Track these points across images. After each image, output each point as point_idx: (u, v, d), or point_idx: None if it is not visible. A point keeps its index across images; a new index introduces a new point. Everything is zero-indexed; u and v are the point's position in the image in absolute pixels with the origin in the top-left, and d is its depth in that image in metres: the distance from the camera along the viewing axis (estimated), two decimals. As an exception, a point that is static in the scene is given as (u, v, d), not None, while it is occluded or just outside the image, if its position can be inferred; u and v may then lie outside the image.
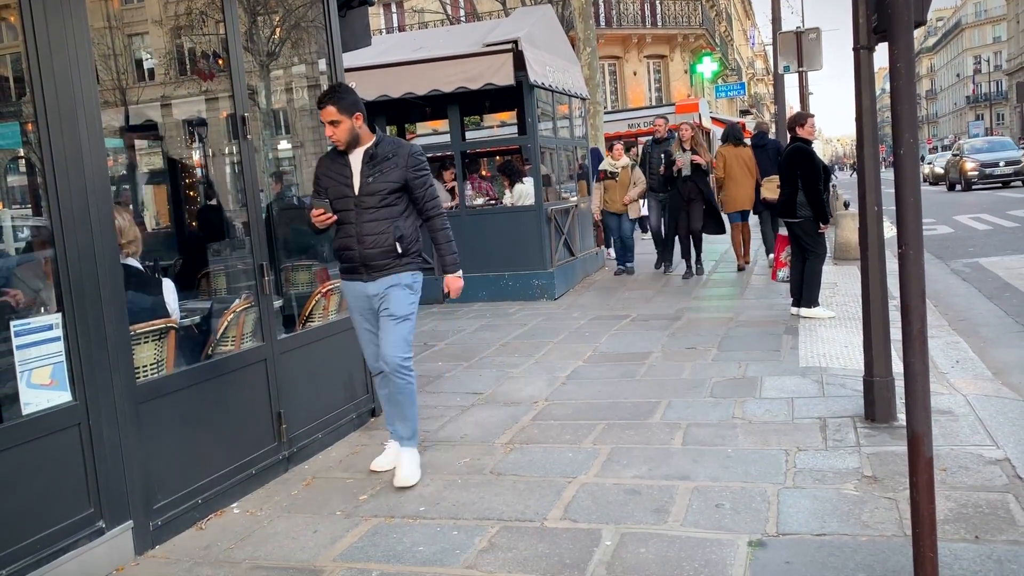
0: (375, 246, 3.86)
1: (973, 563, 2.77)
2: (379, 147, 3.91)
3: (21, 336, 2.97)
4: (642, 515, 3.36)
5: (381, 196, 3.86)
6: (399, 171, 3.88)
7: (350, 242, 3.91)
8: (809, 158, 6.91)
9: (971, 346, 5.97)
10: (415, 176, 3.91)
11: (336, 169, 3.95)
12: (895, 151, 2.39)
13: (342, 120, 3.82)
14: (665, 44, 31.14)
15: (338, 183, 3.92)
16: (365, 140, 3.93)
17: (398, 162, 3.88)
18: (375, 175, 3.87)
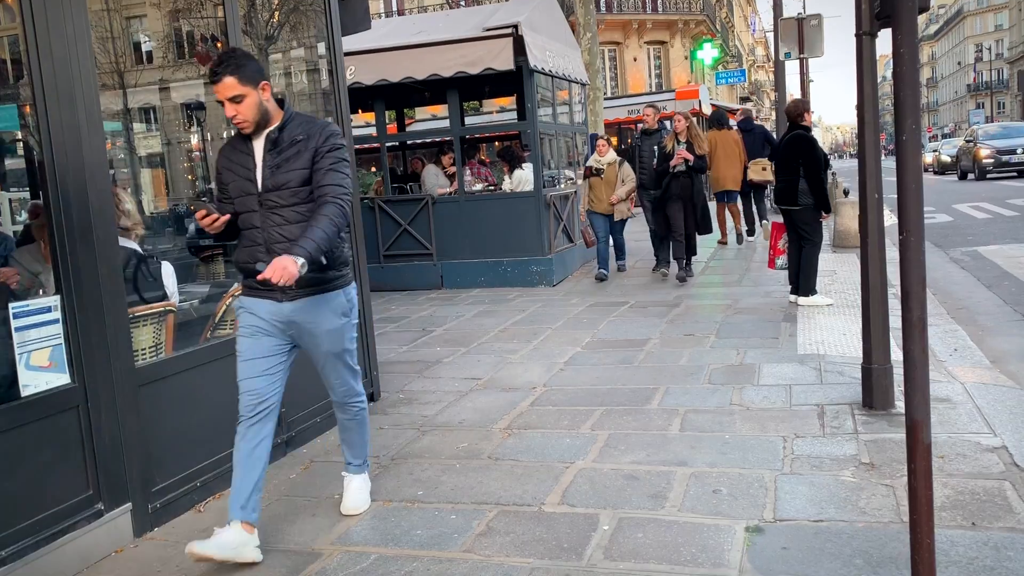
0: None
1: (970, 550, 2.78)
2: (285, 129, 3.12)
3: (20, 318, 2.97)
4: (640, 500, 3.37)
5: (291, 191, 3.07)
6: (308, 154, 3.09)
7: (256, 252, 3.09)
8: (812, 145, 6.89)
9: (969, 334, 5.98)
10: (322, 153, 3.09)
11: (238, 159, 3.16)
12: (897, 137, 2.38)
13: (246, 93, 3.02)
14: (665, 30, 31.01)
15: (239, 176, 3.14)
16: (273, 119, 3.14)
17: (308, 144, 3.10)
18: (281, 164, 3.09)
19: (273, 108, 3.13)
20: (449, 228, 9.61)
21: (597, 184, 9.43)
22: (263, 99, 3.07)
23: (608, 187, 9.36)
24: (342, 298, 3.23)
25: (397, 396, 5.29)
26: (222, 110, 3.07)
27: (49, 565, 3.01)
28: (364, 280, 5.14)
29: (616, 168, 9.36)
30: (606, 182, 9.37)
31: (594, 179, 9.44)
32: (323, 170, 3.10)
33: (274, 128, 3.12)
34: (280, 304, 3.13)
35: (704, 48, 28.56)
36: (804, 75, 16.93)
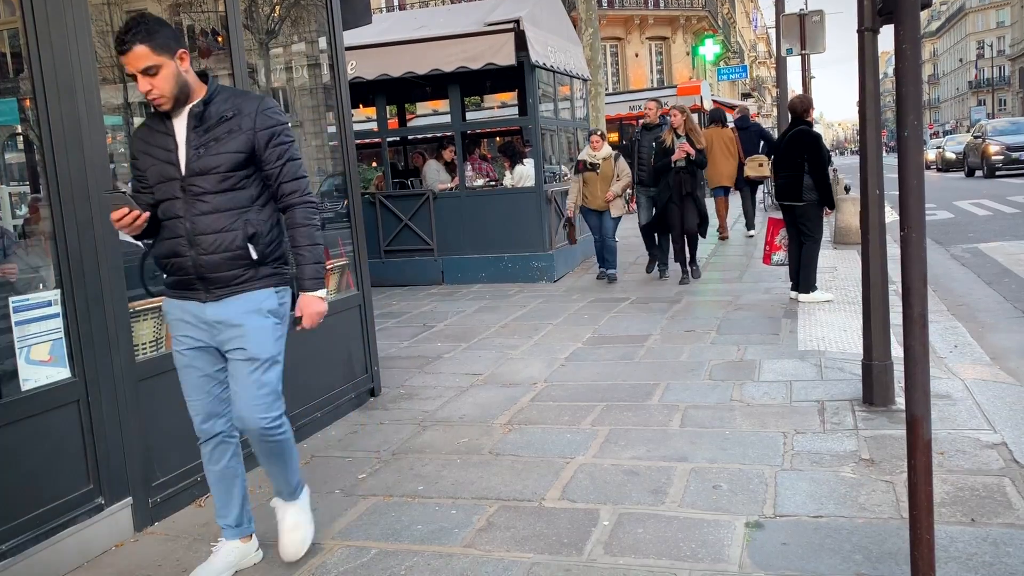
0: (215, 250, 2.72)
1: (969, 546, 2.78)
2: (211, 103, 2.73)
3: (20, 312, 2.97)
4: (640, 496, 3.38)
5: (220, 175, 2.71)
6: (243, 136, 2.71)
7: (178, 245, 2.74)
8: (817, 142, 6.86)
9: (969, 331, 5.98)
10: (267, 140, 2.74)
11: (156, 140, 2.76)
12: (899, 133, 2.37)
13: (161, 64, 2.60)
14: (667, 26, 30.96)
15: (159, 160, 2.75)
16: (195, 94, 2.75)
17: (241, 123, 2.72)
18: (207, 144, 2.71)
19: (194, 81, 2.73)
20: (450, 223, 9.61)
21: (592, 180, 8.91)
22: (181, 70, 2.67)
23: (603, 183, 8.85)
24: (273, 298, 2.84)
25: (398, 391, 5.29)
26: None
27: (49, 559, 3.02)
28: (365, 275, 5.14)
29: (612, 163, 8.86)
30: (601, 177, 8.86)
31: (588, 174, 8.91)
32: (276, 166, 2.77)
33: (198, 103, 2.73)
34: (203, 305, 2.79)
35: (706, 44, 28.54)
36: (806, 71, 16.90)
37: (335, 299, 4.91)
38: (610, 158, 8.87)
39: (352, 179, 5.15)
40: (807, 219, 6.98)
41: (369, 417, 4.80)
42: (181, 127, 2.74)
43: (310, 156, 9.76)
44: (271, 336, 2.83)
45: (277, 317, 2.86)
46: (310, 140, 9.57)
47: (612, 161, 8.86)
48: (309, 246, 2.83)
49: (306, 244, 2.83)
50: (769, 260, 7.61)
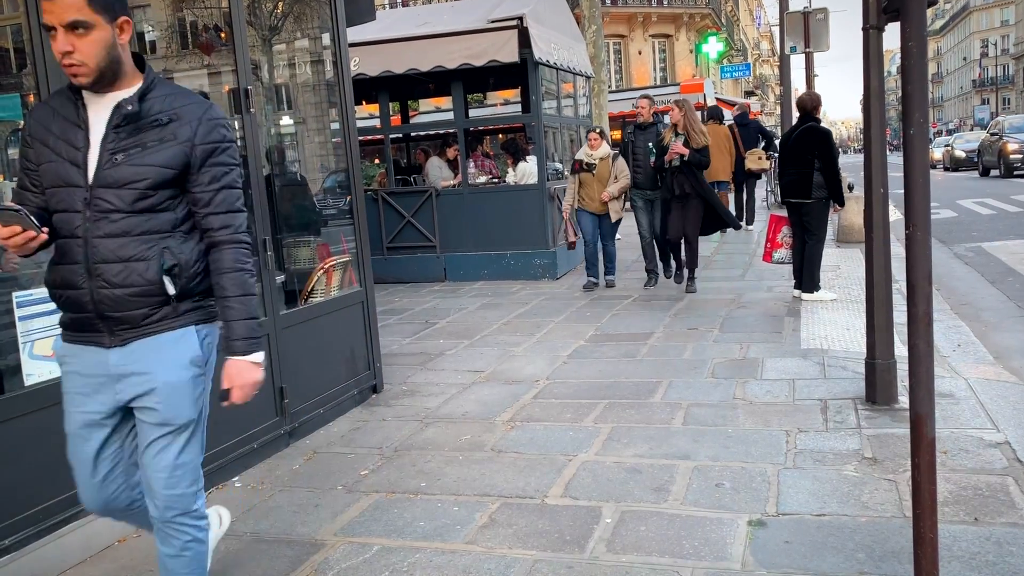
0: (121, 283, 2.12)
1: (972, 545, 2.78)
2: (146, 99, 2.14)
3: (23, 307, 2.97)
4: (642, 493, 3.37)
5: (138, 192, 2.11)
6: (177, 148, 2.12)
7: (74, 274, 2.14)
8: (828, 138, 6.83)
9: (973, 330, 5.97)
10: (205, 157, 2.16)
11: (61, 130, 2.15)
12: (904, 131, 2.37)
13: (94, 23, 2.04)
14: (670, 23, 30.92)
15: (60, 157, 2.14)
16: (126, 81, 2.15)
17: (178, 132, 2.13)
18: (130, 151, 2.11)
19: (129, 63, 2.15)
20: (453, 220, 9.60)
21: (588, 180, 8.36)
22: (118, 42, 2.10)
23: (600, 184, 8.30)
24: (194, 341, 2.24)
25: (400, 388, 5.29)
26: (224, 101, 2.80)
27: (53, 554, 3.02)
28: (368, 272, 5.14)
29: (609, 163, 8.31)
30: (598, 178, 8.30)
31: (585, 175, 8.36)
32: (208, 190, 2.18)
33: (130, 96, 2.12)
34: (107, 352, 2.19)
35: (709, 42, 28.44)
36: (809, 69, 16.87)
37: (338, 296, 4.91)
38: (608, 158, 8.34)
39: (355, 176, 5.15)
40: (813, 217, 6.94)
41: (372, 414, 4.81)
42: (99, 121, 2.13)
43: (313, 152, 9.78)
44: (190, 394, 2.25)
45: (199, 367, 2.27)
46: (313, 136, 9.58)
47: (610, 161, 8.34)
48: (241, 297, 2.21)
49: (237, 295, 2.20)
50: (770, 258, 7.59)
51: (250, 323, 2.25)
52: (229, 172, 2.22)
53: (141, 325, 2.18)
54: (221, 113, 2.22)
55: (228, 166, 2.22)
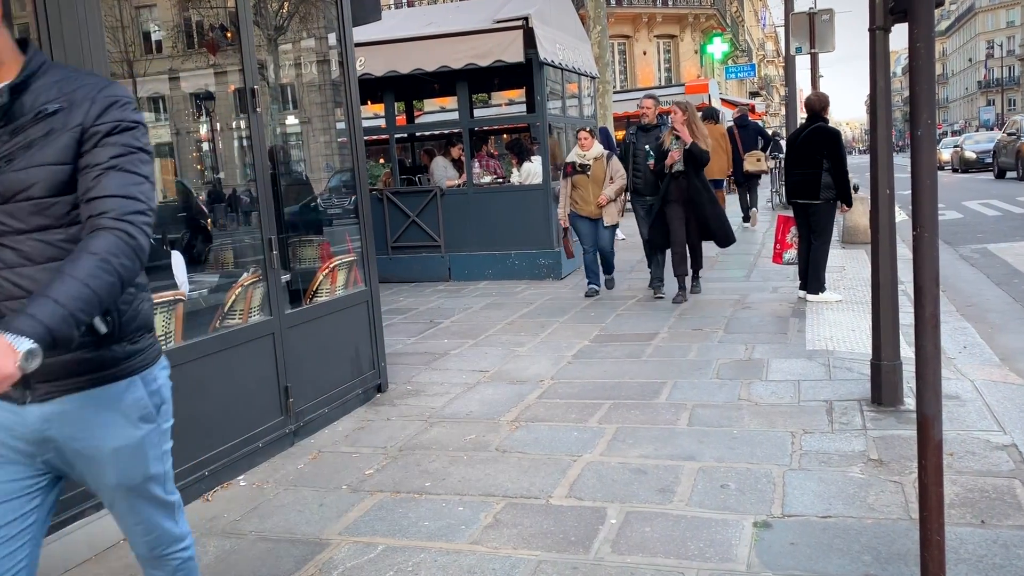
0: None
1: (979, 547, 2.77)
2: (29, 88, 1.72)
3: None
4: (647, 494, 3.37)
5: (34, 203, 1.68)
6: (67, 136, 1.68)
7: None
8: (838, 139, 6.82)
9: (979, 332, 5.95)
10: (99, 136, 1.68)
11: None
12: (912, 132, 2.36)
13: None
14: (675, 24, 30.91)
15: None
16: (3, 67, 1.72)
17: (69, 118, 1.68)
18: (15, 152, 1.68)
19: (6, 47, 1.72)
20: (457, 220, 9.60)
21: (582, 183, 7.89)
22: None
23: (595, 186, 7.84)
24: (140, 391, 1.84)
25: (405, 387, 5.29)
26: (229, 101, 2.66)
27: (58, 552, 3.02)
28: (373, 271, 5.14)
29: (603, 163, 7.87)
30: (593, 180, 7.84)
31: (578, 177, 7.89)
32: (96, 169, 1.67)
33: (7, 84, 1.70)
34: (22, 410, 1.74)
35: (714, 42, 28.47)
36: (815, 70, 16.84)
37: (343, 295, 4.92)
38: (602, 158, 7.87)
39: (361, 175, 5.15)
40: (820, 218, 6.93)
41: (376, 413, 4.81)
42: None
43: (318, 152, 9.78)
44: (151, 450, 1.88)
45: (154, 420, 1.89)
46: (318, 136, 9.58)
47: (604, 161, 7.88)
48: (82, 279, 1.55)
49: (80, 277, 1.55)
50: (780, 259, 7.58)
51: (50, 321, 1.50)
52: (128, 155, 1.69)
53: (67, 375, 1.73)
54: (123, 91, 1.77)
55: (127, 147, 1.70)
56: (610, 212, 7.91)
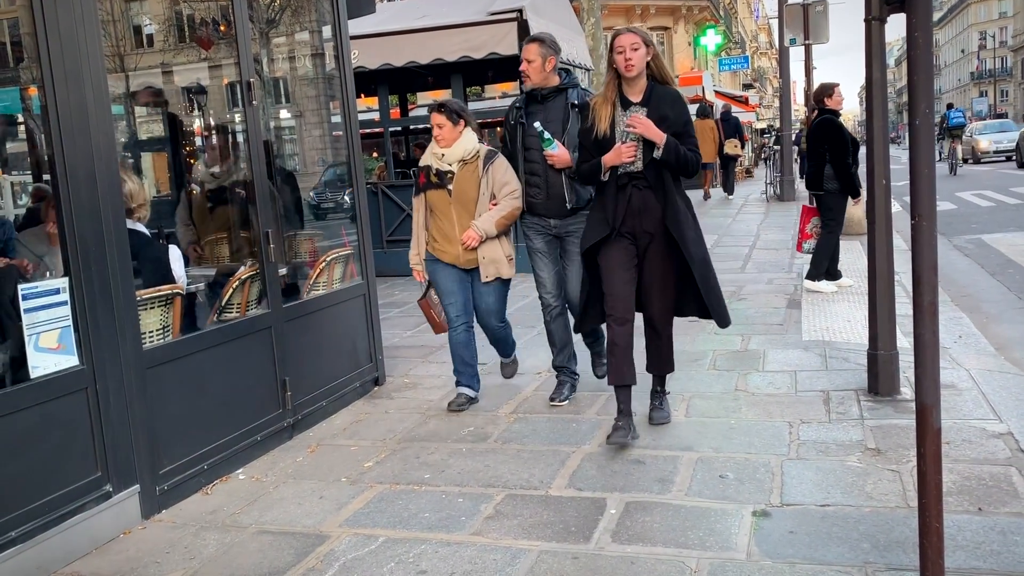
0: None
1: (976, 534, 2.79)
2: None
3: (29, 300, 2.97)
4: (647, 484, 3.38)
5: None
6: None
7: None
8: (838, 131, 6.91)
9: (974, 322, 5.98)
10: None
11: None
12: (910, 121, 2.36)
13: None
14: (669, 16, 30.84)
15: None
16: None
17: None
18: None
19: None
20: (452, 213, 9.57)
21: (440, 205, 4.44)
22: None
23: (464, 209, 4.40)
24: None
25: (402, 381, 5.30)
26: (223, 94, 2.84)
27: (58, 546, 3.02)
28: (369, 265, 5.14)
29: (478, 168, 4.38)
30: (458, 200, 4.40)
31: (434, 194, 4.45)
32: None
33: None
34: None
35: (707, 34, 28.43)
36: (808, 62, 16.85)
37: (340, 288, 4.91)
38: (475, 160, 4.38)
39: (356, 169, 5.14)
40: (827, 208, 7.08)
41: (374, 406, 4.81)
42: None
43: (312, 146, 9.75)
44: None
45: None
46: (312, 130, 9.56)
47: (479, 164, 4.38)
48: None
49: None
50: (801, 248, 7.65)
51: None
52: None
53: None
54: None
55: None
56: (492, 258, 4.43)
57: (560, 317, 4.61)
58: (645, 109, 3.70)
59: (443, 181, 4.41)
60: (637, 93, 3.75)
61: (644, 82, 3.75)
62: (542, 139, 4.18)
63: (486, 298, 4.57)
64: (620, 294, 3.79)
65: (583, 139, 3.87)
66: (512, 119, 4.48)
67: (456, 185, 4.39)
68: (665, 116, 3.67)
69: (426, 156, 4.50)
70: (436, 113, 4.38)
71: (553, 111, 4.32)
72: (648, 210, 3.73)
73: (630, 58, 3.65)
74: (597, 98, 3.82)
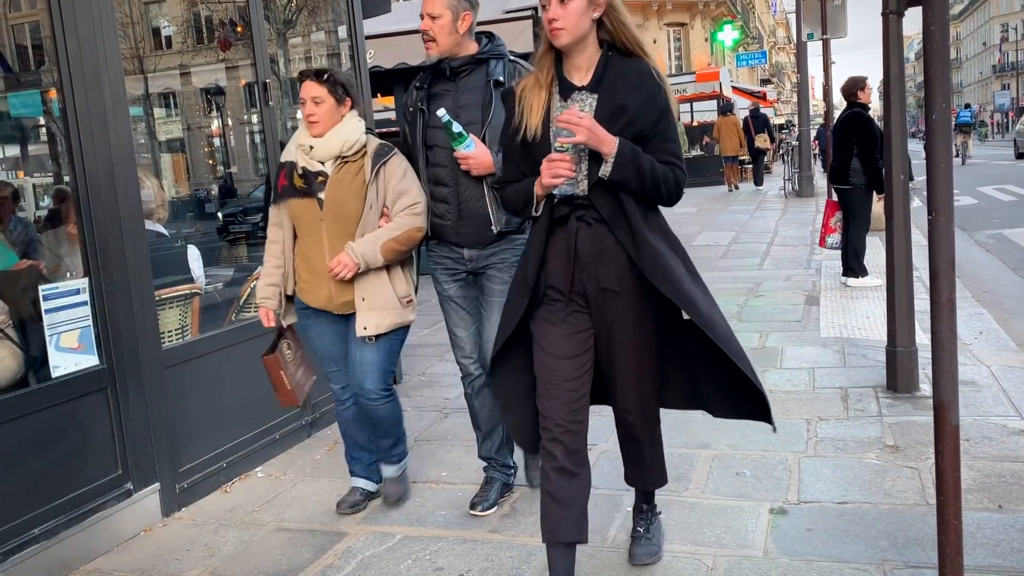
0: None
1: (996, 532, 2.76)
2: None
3: (49, 300, 3.01)
4: (663, 482, 3.37)
5: None
6: None
7: None
8: (867, 124, 6.88)
9: (995, 318, 5.92)
10: None
11: None
12: (927, 116, 2.35)
13: None
14: (685, 12, 30.71)
15: None
16: None
17: None
18: None
19: None
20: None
21: (308, 220, 3.09)
22: None
23: (339, 229, 3.05)
24: None
25: (419, 379, 5.31)
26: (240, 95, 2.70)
27: (80, 543, 3.07)
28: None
29: (363, 170, 3.05)
30: (332, 214, 3.05)
31: (297, 204, 3.09)
32: None
33: None
34: None
35: (724, 30, 28.25)
36: (826, 56, 16.71)
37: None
38: (359, 157, 3.08)
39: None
40: (853, 203, 7.03)
41: (391, 404, 4.83)
42: None
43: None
44: None
45: None
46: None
47: (366, 166, 3.06)
48: None
49: None
50: (824, 243, 7.61)
51: None
52: None
53: None
54: None
55: None
56: (374, 297, 3.10)
57: (484, 389, 3.21)
58: (595, 97, 2.34)
59: (311, 187, 3.03)
60: (584, 71, 2.39)
61: (593, 53, 2.40)
62: (450, 133, 2.85)
63: (362, 350, 3.08)
64: (563, 400, 2.36)
65: (506, 144, 2.49)
66: (411, 103, 3.15)
67: (330, 193, 3.01)
68: (623, 107, 2.30)
69: (289, 148, 3.12)
70: (312, 82, 3.00)
71: (468, 92, 3.05)
72: (604, 257, 2.33)
73: (555, 17, 2.30)
74: (525, 80, 2.49)
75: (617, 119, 2.30)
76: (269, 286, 3.15)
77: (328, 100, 3.00)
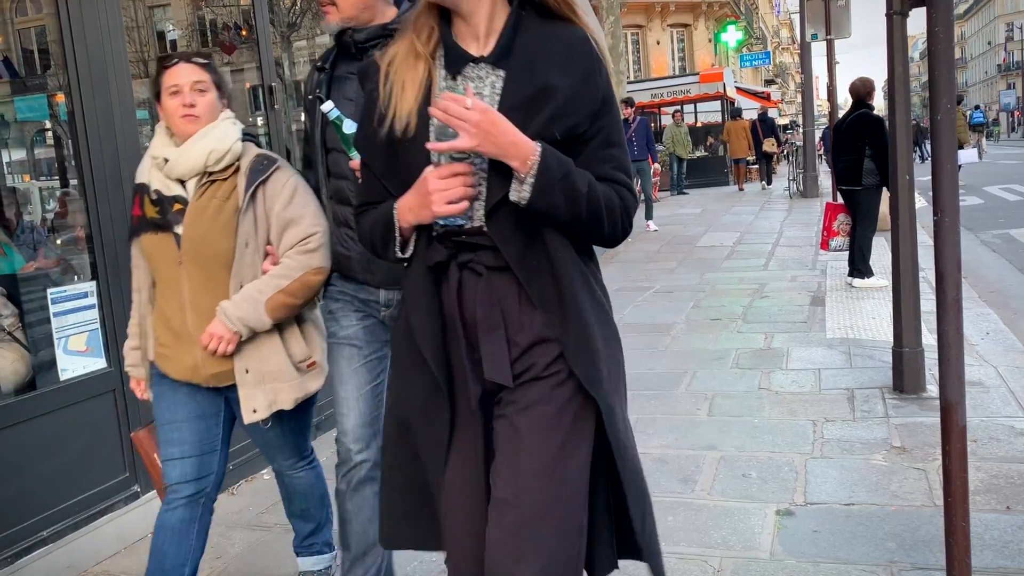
0: None
1: (1004, 533, 2.76)
2: None
3: (58, 303, 3.02)
4: (669, 484, 3.38)
5: None
6: None
7: None
8: (880, 125, 6.86)
9: (1001, 318, 5.90)
10: None
11: None
12: (932, 117, 2.35)
13: None
14: (689, 12, 30.70)
15: None
16: None
17: None
18: None
19: None
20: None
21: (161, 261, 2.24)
22: None
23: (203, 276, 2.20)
24: None
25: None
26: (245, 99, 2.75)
27: (88, 545, 3.08)
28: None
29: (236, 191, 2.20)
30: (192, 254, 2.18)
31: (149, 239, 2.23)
32: None
33: None
34: None
35: (728, 30, 28.28)
36: (830, 57, 16.69)
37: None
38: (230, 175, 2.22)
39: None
40: (863, 204, 7.00)
41: (397, 406, 4.83)
42: None
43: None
44: None
45: None
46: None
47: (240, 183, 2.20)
48: None
49: None
50: (827, 246, 7.59)
51: None
52: None
53: None
54: None
55: None
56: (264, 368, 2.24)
57: (367, 486, 2.25)
58: (500, 74, 1.54)
59: (165, 216, 2.21)
60: (483, 36, 1.57)
61: (498, 9, 1.57)
62: (341, 135, 2.07)
63: (256, 431, 2.41)
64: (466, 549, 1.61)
65: (364, 146, 1.66)
66: (310, 90, 2.32)
67: (189, 226, 2.20)
68: (547, 89, 1.50)
69: (144, 165, 2.31)
70: (189, 65, 2.22)
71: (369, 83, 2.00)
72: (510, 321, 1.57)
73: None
74: (395, 47, 1.61)
75: (536, 109, 1.48)
76: (133, 350, 2.41)
77: (212, 91, 2.22)
